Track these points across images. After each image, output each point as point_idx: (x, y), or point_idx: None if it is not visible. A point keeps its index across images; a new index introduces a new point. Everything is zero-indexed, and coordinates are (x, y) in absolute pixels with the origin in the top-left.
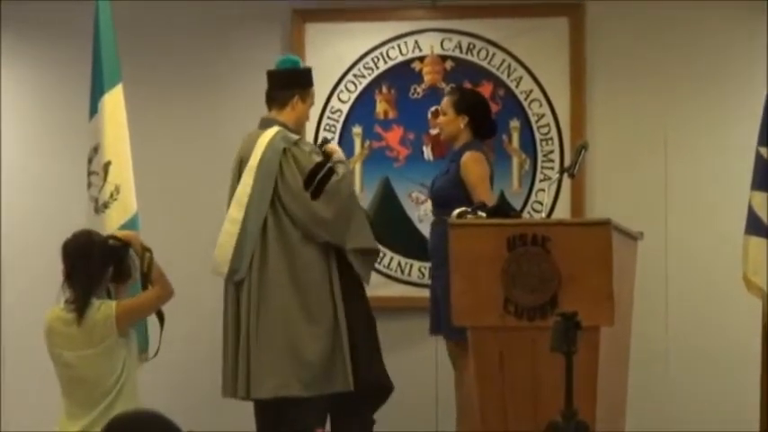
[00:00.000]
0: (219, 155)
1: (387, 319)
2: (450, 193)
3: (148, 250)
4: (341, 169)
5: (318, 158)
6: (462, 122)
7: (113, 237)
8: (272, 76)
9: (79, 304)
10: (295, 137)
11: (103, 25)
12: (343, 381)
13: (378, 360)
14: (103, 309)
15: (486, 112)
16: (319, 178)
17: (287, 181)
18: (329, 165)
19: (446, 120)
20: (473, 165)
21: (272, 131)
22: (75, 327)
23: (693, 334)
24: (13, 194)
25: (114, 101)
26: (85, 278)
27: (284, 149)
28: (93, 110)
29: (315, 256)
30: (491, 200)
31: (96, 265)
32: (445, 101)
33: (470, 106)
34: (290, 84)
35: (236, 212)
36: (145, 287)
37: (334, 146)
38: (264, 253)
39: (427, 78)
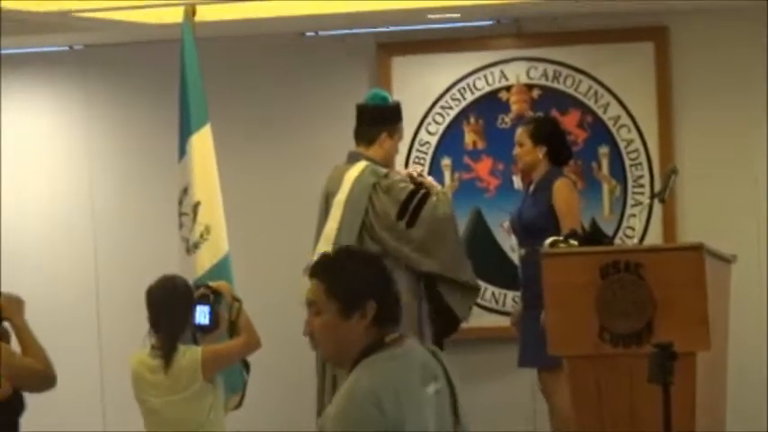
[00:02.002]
0: (308, 190)
1: (483, 349)
2: (541, 224)
3: (238, 300)
4: (436, 195)
5: (410, 187)
6: (541, 152)
7: (206, 285)
8: (360, 111)
9: (165, 351)
10: (384, 170)
11: (189, 66)
12: None
13: None
14: (189, 355)
15: (563, 139)
16: (414, 206)
17: (379, 214)
18: (423, 191)
19: (524, 150)
20: (566, 193)
21: (360, 166)
22: (161, 373)
23: None
24: (108, 239)
25: (202, 141)
26: (171, 325)
27: (374, 184)
28: (182, 151)
29: (402, 285)
30: (579, 227)
31: (181, 312)
32: (520, 132)
33: (547, 135)
34: (377, 120)
35: (324, 247)
36: (231, 336)
37: (427, 179)
38: None
39: (515, 108)
